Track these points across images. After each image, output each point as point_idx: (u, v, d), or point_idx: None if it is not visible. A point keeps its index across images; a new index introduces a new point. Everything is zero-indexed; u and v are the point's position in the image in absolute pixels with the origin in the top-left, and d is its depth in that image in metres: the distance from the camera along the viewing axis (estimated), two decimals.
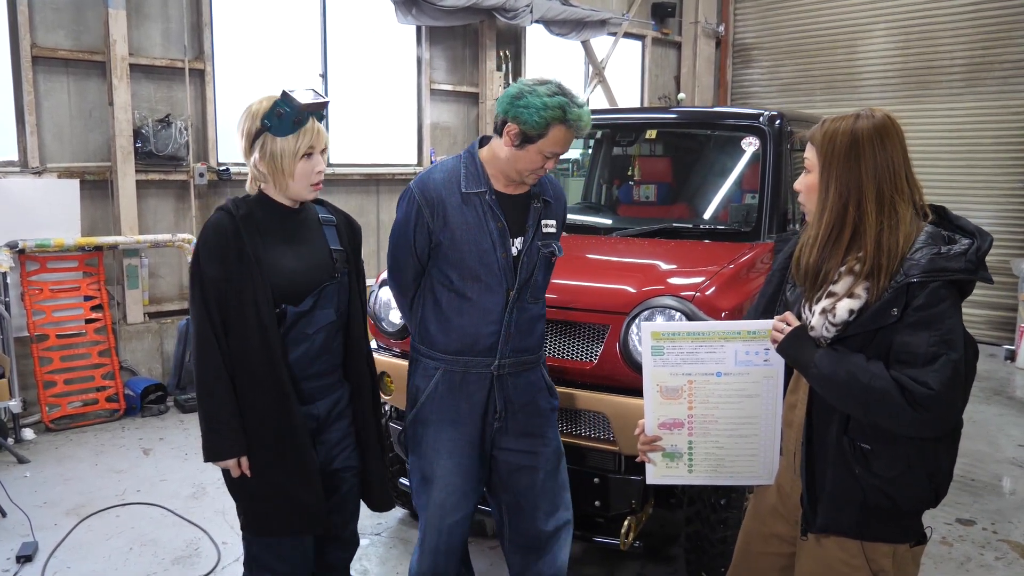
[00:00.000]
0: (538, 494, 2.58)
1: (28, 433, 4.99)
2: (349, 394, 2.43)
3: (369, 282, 6.45)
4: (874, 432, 1.73)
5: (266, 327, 2.17)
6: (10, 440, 4.78)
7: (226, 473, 2.28)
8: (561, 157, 2.45)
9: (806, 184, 1.87)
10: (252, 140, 2.20)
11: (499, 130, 2.37)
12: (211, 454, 2.21)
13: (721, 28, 10.06)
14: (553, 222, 2.55)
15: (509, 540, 2.67)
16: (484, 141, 2.49)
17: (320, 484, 2.30)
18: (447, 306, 2.45)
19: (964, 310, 1.75)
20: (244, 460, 2.21)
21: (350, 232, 2.45)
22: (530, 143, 2.31)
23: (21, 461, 4.59)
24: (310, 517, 2.29)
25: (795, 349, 1.80)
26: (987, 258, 1.72)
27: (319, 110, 2.21)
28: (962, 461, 4.75)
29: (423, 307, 2.52)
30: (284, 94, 2.14)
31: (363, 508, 2.58)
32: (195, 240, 2.26)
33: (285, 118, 2.14)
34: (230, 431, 2.18)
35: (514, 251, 2.43)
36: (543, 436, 2.57)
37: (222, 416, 2.18)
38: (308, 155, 2.21)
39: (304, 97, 2.16)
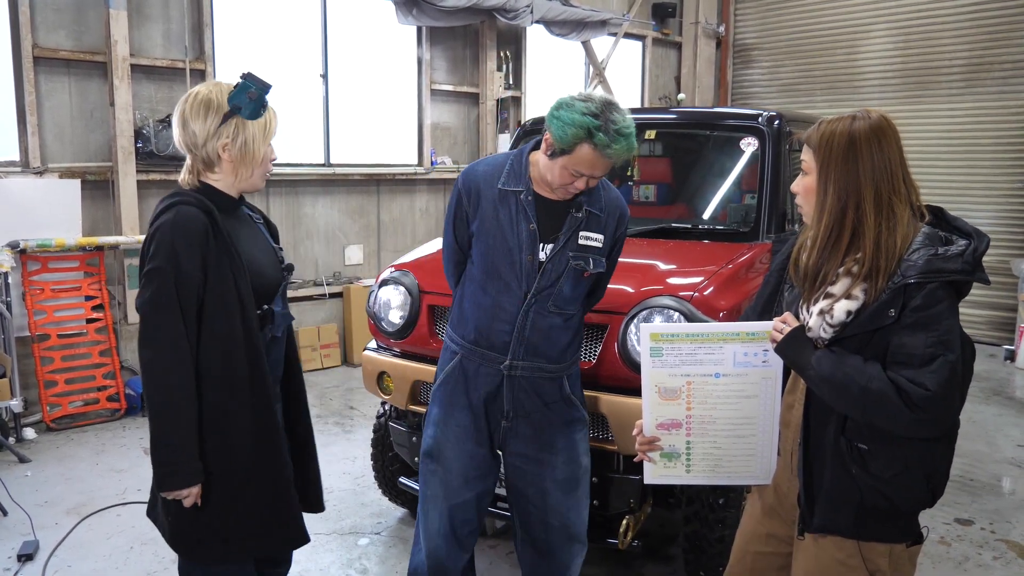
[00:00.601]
0: (548, 507, 2.57)
1: (29, 432, 5.00)
2: (291, 397, 2.34)
3: (369, 282, 6.44)
4: (871, 432, 1.74)
5: (251, 330, 2.04)
6: (11, 439, 4.80)
7: (173, 503, 2.01)
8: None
9: (804, 186, 1.87)
10: (219, 126, 2.05)
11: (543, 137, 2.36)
12: (172, 482, 1.95)
13: (721, 28, 10.07)
14: (600, 236, 2.45)
15: (520, 539, 2.69)
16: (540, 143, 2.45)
17: (296, 498, 2.18)
18: (470, 297, 2.49)
19: (964, 310, 1.75)
20: (197, 489, 1.99)
21: (271, 230, 2.33)
22: (558, 156, 2.29)
23: (22, 460, 4.61)
24: (292, 533, 2.17)
25: (793, 350, 1.81)
26: (986, 258, 1.72)
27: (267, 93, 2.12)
28: (961, 461, 4.76)
29: (456, 294, 2.57)
30: (250, 75, 2.06)
31: (362, 508, 2.58)
32: (155, 234, 1.97)
33: (257, 100, 2.05)
34: (193, 452, 1.96)
35: (542, 257, 2.40)
36: (552, 447, 2.54)
37: (185, 436, 1.95)
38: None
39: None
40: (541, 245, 2.40)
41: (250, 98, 2.05)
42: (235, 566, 2.14)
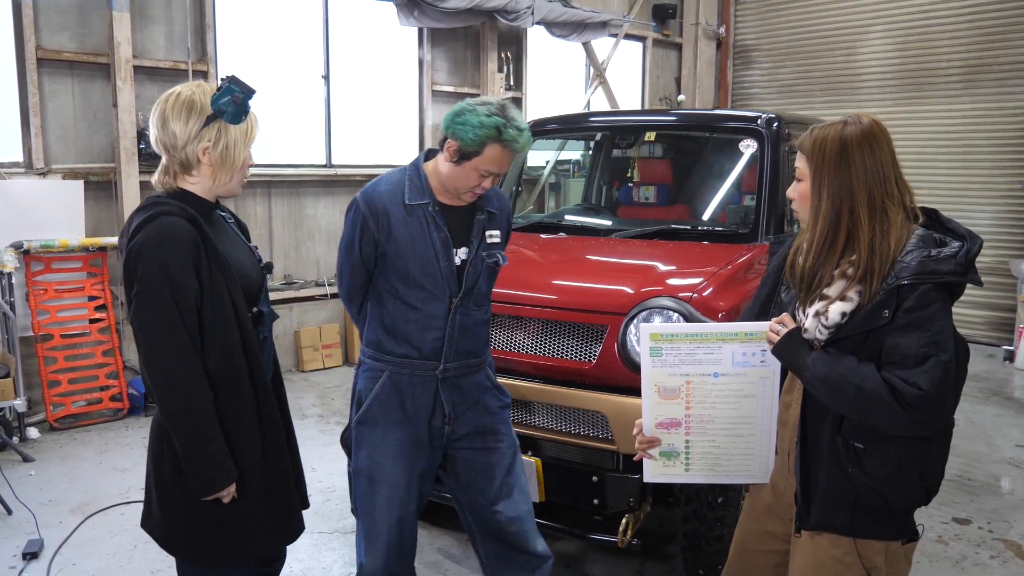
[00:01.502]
0: (497, 490, 2.63)
1: (33, 432, 5.03)
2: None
3: None
4: (867, 432, 1.77)
5: (248, 334, 2.03)
6: (15, 439, 4.83)
7: (186, 505, 2.01)
8: (566, 158, 2.49)
9: (799, 192, 1.90)
10: (200, 129, 2.01)
11: (442, 146, 2.44)
12: (214, 487, 1.96)
13: (722, 30, 10.10)
14: (498, 232, 2.59)
15: (478, 533, 2.73)
16: (430, 154, 2.54)
17: (296, 492, 2.20)
18: (393, 313, 2.50)
19: (963, 311, 1.79)
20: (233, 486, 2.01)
21: (243, 229, 2.30)
22: (466, 160, 2.37)
23: (26, 460, 4.64)
24: (293, 527, 2.18)
25: (790, 351, 1.84)
26: (985, 259, 1.76)
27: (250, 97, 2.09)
28: (959, 461, 4.79)
29: (370, 314, 2.58)
30: (234, 79, 2.02)
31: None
32: (142, 250, 1.93)
33: (241, 104, 2.02)
34: (227, 456, 1.97)
35: (458, 260, 2.49)
36: (496, 433, 2.62)
37: (220, 447, 1.95)
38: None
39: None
40: (455, 250, 2.49)
41: (234, 102, 2.01)
42: (237, 568, 2.14)
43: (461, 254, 2.50)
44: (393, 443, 2.54)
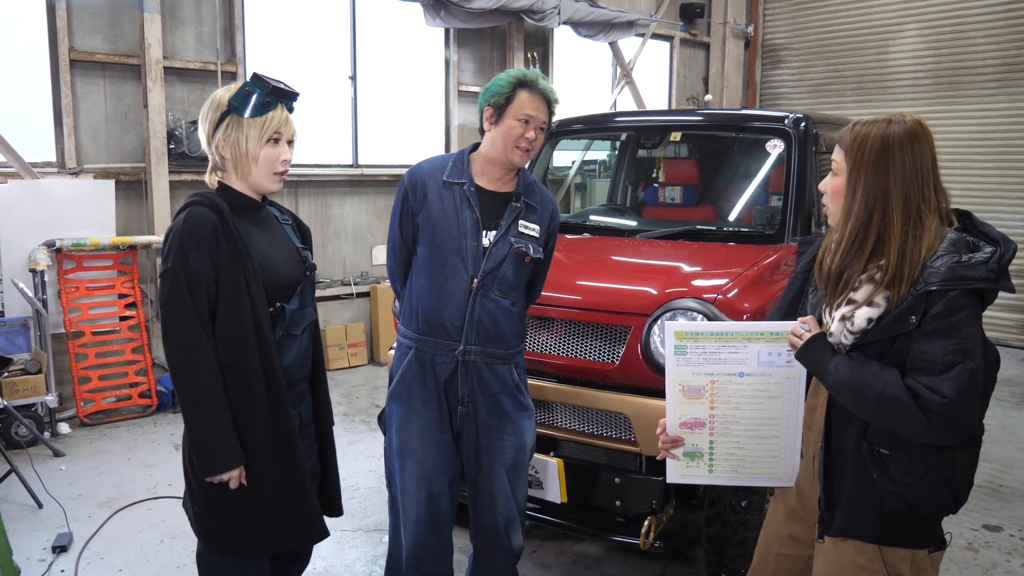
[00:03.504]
0: (496, 491, 2.64)
1: (64, 427, 5.12)
2: (312, 398, 2.36)
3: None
4: (893, 437, 1.73)
5: (263, 327, 2.04)
6: (46, 434, 4.91)
7: (207, 491, 2.07)
8: (592, 158, 2.54)
9: (832, 186, 1.85)
10: (216, 124, 2.07)
11: (482, 130, 2.59)
12: (214, 466, 2.00)
13: (750, 29, 10.01)
14: (536, 227, 2.63)
15: (473, 521, 2.75)
16: (477, 147, 2.66)
17: (314, 493, 2.22)
18: (419, 288, 2.58)
19: (996, 313, 1.75)
20: (242, 470, 2.05)
21: (302, 232, 2.36)
22: (502, 113, 2.50)
23: (57, 454, 4.71)
24: (310, 528, 2.19)
25: (813, 356, 1.81)
26: (1021, 262, 1.70)
27: (288, 98, 2.14)
28: (991, 467, 4.70)
29: (407, 289, 2.66)
30: (255, 75, 2.08)
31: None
32: (169, 237, 2.03)
33: (254, 99, 2.05)
34: (233, 439, 2.01)
35: (485, 243, 2.54)
36: (503, 432, 2.62)
37: (223, 426, 2.00)
38: (275, 141, 2.11)
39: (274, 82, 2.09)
40: (484, 232, 2.54)
41: (246, 96, 2.06)
42: (252, 561, 2.17)
43: (490, 237, 2.55)
44: (418, 420, 2.59)
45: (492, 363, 2.58)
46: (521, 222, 2.59)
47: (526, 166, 2.67)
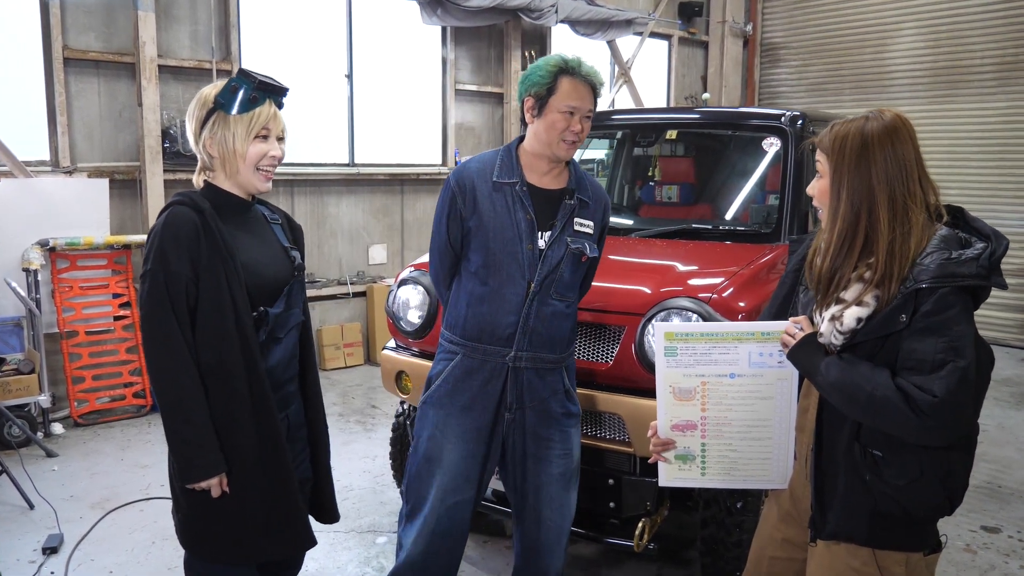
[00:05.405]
0: (542, 501, 2.58)
1: (57, 428, 5.09)
2: (303, 400, 2.30)
3: (389, 281, 6.46)
4: (886, 439, 1.70)
5: (245, 331, 1.98)
6: (39, 434, 4.88)
7: (190, 497, 2.02)
8: (589, 157, 2.48)
9: (819, 189, 1.83)
10: (203, 122, 2.02)
11: (523, 122, 2.47)
12: (192, 472, 1.95)
13: (749, 27, 9.98)
14: (590, 223, 2.54)
15: (516, 535, 2.70)
16: (523, 140, 2.55)
17: (303, 500, 2.16)
18: (470, 292, 2.49)
19: (993, 313, 1.71)
20: (224, 477, 2.00)
21: (293, 231, 2.29)
22: (545, 104, 2.39)
23: (49, 455, 4.69)
24: (297, 537, 2.13)
25: (804, 356, 1.78)
26: (1018, 260, 1.67)
27: (277, 94, 2.08)
28: (989, 467, 4.67)
29: (452, 296, 2.57)
30: (241, 70, 2.04)
31: (380, 507, 2.58)
32: (150, 237, 1.99)
33: (240, 95, 2.01)
34: (212, 444, 1.95)
35: (542, 244, 2.44)
36: (550, 440, 2.56)
37: (202, 431, 1.94)
38: (263, 138, 2.05)
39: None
40: (539, 233, 2.45)
41: (232, 91, 2.01)
42: (238, 569, 2.11)
43: (546, 238, 2.46)
44: (455, 428, 2.52)
45: (542, 369, 2.50)
46: (576, 219, 2.50)
47: (575, 157, 2.57)
